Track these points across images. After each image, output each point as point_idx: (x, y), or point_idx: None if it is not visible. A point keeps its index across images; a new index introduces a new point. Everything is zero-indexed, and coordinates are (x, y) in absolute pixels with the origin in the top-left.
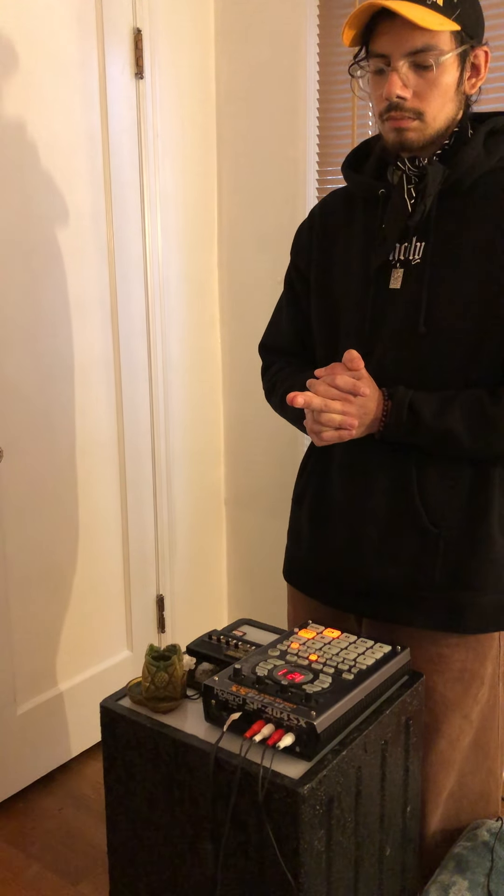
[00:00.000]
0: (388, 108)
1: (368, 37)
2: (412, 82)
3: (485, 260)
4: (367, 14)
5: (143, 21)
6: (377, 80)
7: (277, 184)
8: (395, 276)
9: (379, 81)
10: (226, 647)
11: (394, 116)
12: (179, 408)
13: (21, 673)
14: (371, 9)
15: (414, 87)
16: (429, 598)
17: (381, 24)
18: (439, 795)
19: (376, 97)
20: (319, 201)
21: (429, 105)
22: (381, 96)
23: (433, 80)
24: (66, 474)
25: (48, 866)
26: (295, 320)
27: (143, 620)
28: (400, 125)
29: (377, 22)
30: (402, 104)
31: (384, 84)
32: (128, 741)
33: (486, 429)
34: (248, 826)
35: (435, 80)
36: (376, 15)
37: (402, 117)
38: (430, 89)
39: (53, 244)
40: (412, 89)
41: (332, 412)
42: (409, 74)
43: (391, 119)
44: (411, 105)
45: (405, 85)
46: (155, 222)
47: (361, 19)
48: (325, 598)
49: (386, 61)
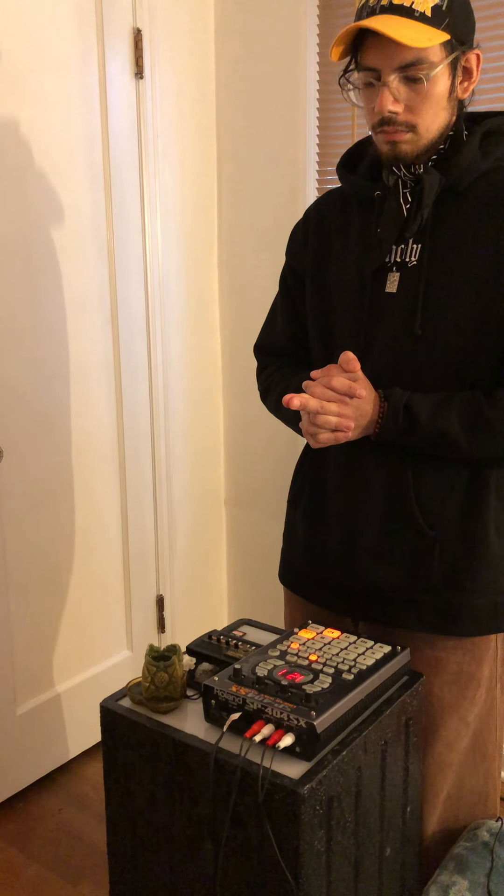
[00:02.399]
0: (381, 122)
1: (357, 49)
2: (403, 96)
3: (481, 262)
4: (354, 32)
5: (143, 21)
6: (368, 92)
7: (277, 184)
8: (392, 278)
9: (370, 94)
10: (226, 648)
11: (387, 130)
12: (179, 408)
13: (21, 673)
14: (357, 28)
15: (405, 101)
16: (424, 600)
17: (370, 37)
18: (437, 797)
19: (368, 110)
20: (314, 201)
21: (421, 118)
22: (372, 110)
23: (425, 92)
24: (66, 474)
25: (48, 866)
26: (290, 321)
27: (143, 620)
28: (393, 138)
29: (366, 35)
30: (394, 118)
31: (375, 97)
32: (128, 741)
33: (482, 431)
34: (248, 826)
35: (427, 92)
36: (364, 28)
37: (395, 131)
38: (423, 102)
39: (53, 244)
40: (404, 103)
41: (328, 414)
42: (400, 88)
43: (384, 133)
44: (404, 119)
45: (396, 100)
46: (155, 222)
47: (349, 35)
48: (320, 601)
49: (376, 75)
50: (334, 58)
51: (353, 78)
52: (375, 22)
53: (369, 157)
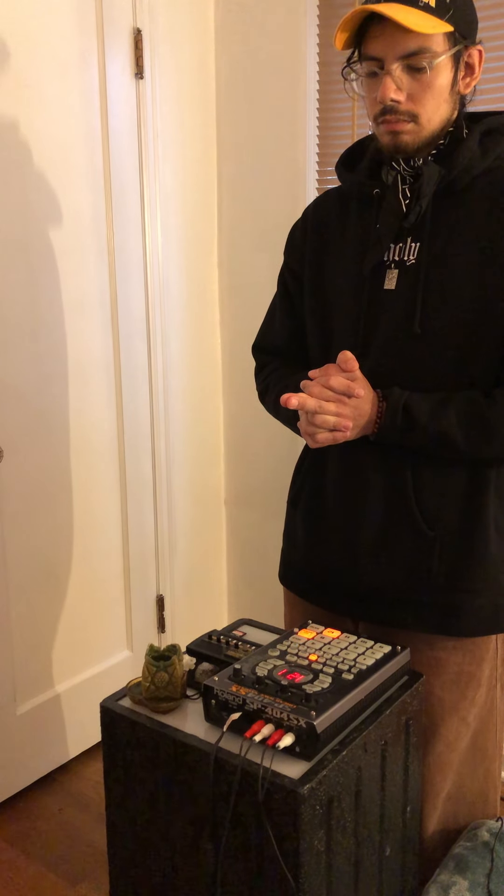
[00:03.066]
0: (383, 111)
1: (361, 39)
2: (406, 85)
3: (480, 260)
4: (359, 18)
5: (143, 21)
6: (370, 82)
7: (277, 184)
8: (390, 276)
9: (372, 84)
10: (226, 647)
11: (388, 120)
12: (179, 408)
13: (21, 673)
14: (363, 13)
15: (408, 90)
16: (424, 600)
17: (374, 27)
18: (437, 797)
19: (370, 100)
20: (313, 201)
21: (423, 108)
22: (374, 99)
23: (427, 82)
24: (66, 474)
25: (48, 866)
26: (288, 321)
27: (143, 620)
28: (395, 128)
29: (369, 25)
30: (396, 107)
31: (378, 87)
32: (128, 741)
33: (481, 431)
34: (248, 826)
35: (429, 82)
36: (368, 18)
37: (397, 120)
38: (425, 92)
39: (53, 244)
40: (406, 92)
41: (327, 414)
42: (402, 77)
43: (386, 122)
44: (406, 108)
45: (399, 88)
46: (155, 222)
47: (353, 23)
48: (320, 601)
49: (379, 64)
50: (338, 45)
51: (357, 68)
52: (382, 7)
53: (369, 156)
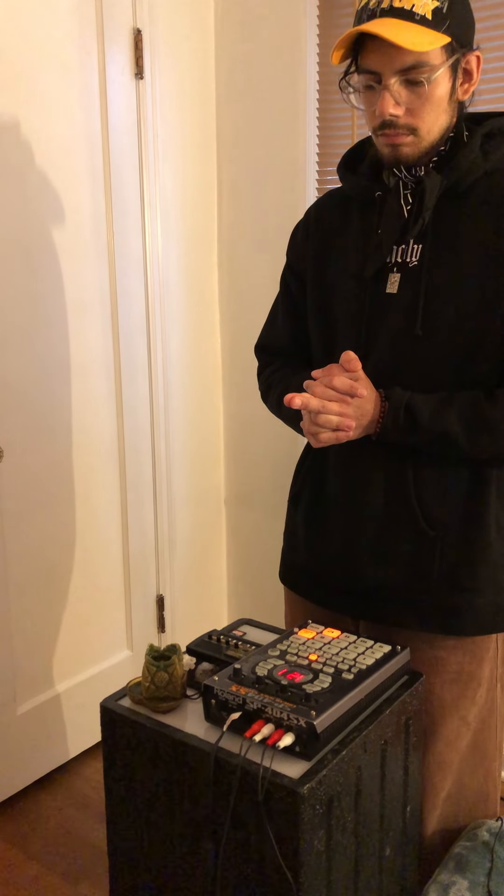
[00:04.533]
0: (382, 125)
1: (358, 51)
2: (404, 99)
3: (482, 262)
4: (356, 33)
5: (143, 21)
6: (368, 95)
7: (277, 184)
8: (392, 279)
9: (370, 97)
10: (226, 647)
11: (388, 134)
12: (179, 408)
13: (21, 673)
14: (359, 31)
15: (406, 104)
16: (425, 600)
17: (370, 40)
18: (437, 797)
19: (369, 113)
20: (315, 201)
21: (422, 120)
22: (373, 113)
23: (426, 95)
24: (66, 474)
25: (48, 866)
26: (291, 321)
27: (143, 620)
28: (394, 141)
29: (366, 38)
30: (395, 122)
31: (376, 100)
32: (128, 741)
33: (482, 431)
34: (248, 826)
35: (428, 95)
36: (365, 32)
37: (396, 134)
38: (423, 105)
39: (53, 244)
40: (405, 106)
41: (330, 413)
42: (400, 91)
43: (385, 136)
44: (405, 122)
45: (397, 103)
46: (155, 222)
47: (349, 39)
48: (321, 601)
49: (376, 78)
50: (335, 62)
51: (354, 81)
52: (375, 26)
53: (370, 158)
